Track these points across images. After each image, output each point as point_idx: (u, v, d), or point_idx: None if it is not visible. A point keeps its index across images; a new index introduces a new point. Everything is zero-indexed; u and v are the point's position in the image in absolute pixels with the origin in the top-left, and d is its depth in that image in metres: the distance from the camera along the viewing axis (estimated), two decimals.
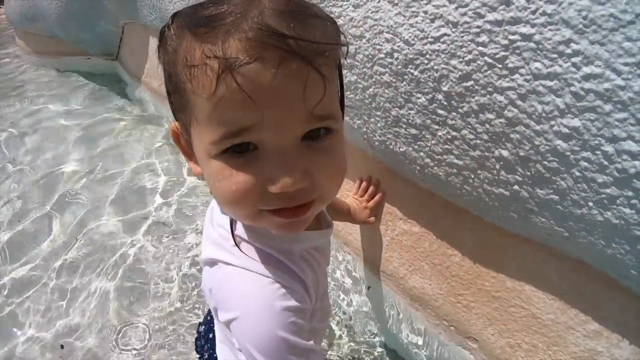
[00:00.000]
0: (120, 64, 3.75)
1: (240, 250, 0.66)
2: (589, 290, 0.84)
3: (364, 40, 0.95)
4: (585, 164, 0.68)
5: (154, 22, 2.44)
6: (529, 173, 0.77)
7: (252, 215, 0.56)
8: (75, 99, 3.60)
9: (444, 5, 0.77)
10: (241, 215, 0.60)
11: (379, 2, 0.89)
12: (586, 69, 0.64)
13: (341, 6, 0.98)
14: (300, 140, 0.52)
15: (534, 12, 0.67)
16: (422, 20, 0.81)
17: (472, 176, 0.88)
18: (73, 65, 4.15)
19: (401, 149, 1.01)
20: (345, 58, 0.63)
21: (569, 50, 0.65)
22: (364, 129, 1.09)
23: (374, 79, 0.97)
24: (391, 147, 1.03)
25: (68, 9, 3.49)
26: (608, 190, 0.67)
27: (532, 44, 0.68)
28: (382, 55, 0.92)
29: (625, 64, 0.60)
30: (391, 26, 0.88)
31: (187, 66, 0.49)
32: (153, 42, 2.80)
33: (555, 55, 0.66)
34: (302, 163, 0.51)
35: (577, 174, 0.70)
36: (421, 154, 0.96)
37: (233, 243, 0.66)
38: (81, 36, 3.70)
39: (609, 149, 0.65)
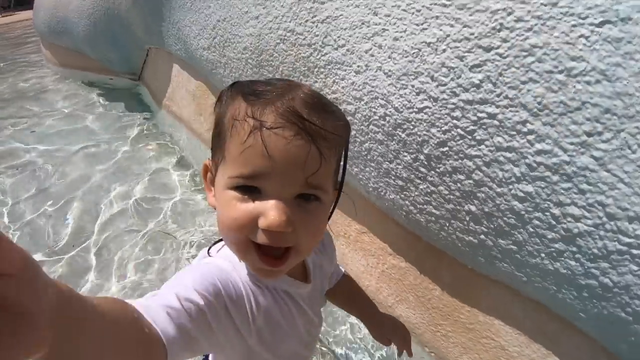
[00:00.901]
0: (143, 84, 3.82)
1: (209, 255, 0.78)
2: (550, 328, 0.94)
3: (362, 103, 1.08)
4: (537, 222, 0.80)
5: (178, 52, 2.56)
6: (492, 226, 0.89)
7: (242, 243, 0.66)
8: (96, 115, 3.70)
9: (428, 82, 0.91)
10: (234, 243, 0.69)
11: (376, 71, 1.02)
12: (538, 146, 0.76)
13: (345, 70, 1.11)
14: (294, 198, 0.65)
15: (498, 95, 0.80)
16: (410, 93, 0.95)
17: (447, 224, 1.00)
18: (96, 79, 4.22)
19: (390, 197, 1.12)
20: (345, 160, 0.76)
21: (525, 129, 0.77)
22: (360, 176, 1.21)
23: (369, 136, 1.10)
24: (382, 194, 1.15)
25: (96, 28, 3.57)
26: (556, 245, 0.79)
27: (495, 122, 0.81)
28: (376, 117, 1.05)
29: (571, 143, 0.72)
30: (385, 94, 1.01)
31: (233, 119, 0.65)
32: (176, 69, 2.89)
33: (514, 132, 0.79)
34: (291, 214, 0.64)
35: (531, 229, 0.82)
36: (406, 202, 1.08)
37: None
38: (107, 55, 3.78)
39: (556, 211, 0.77)
